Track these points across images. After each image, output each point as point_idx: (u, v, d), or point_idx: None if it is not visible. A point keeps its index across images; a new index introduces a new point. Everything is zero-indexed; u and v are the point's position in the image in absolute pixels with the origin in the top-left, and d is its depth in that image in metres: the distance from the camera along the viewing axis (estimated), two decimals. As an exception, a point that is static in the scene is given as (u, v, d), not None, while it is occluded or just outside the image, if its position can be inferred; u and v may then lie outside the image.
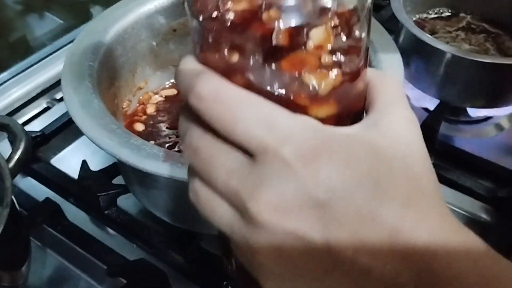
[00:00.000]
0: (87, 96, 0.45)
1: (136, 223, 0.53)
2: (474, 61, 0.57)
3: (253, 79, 0.22)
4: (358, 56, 0.24)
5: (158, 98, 0.59)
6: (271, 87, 0.22)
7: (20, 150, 0.47)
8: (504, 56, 0.64)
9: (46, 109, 0.69)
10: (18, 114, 0.67)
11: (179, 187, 0.44)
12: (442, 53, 0.58)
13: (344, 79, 0.23)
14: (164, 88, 0.60)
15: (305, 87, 0.22)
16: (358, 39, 0.23)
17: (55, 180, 0.57)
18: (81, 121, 0.43)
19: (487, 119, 0.66)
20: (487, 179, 0.57)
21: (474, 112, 0.65)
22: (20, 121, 0.66)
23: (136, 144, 0.41)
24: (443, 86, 0.62)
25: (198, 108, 0.22)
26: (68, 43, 0.72)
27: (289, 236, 0.21)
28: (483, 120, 0.66)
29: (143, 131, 0.55)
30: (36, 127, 0.65)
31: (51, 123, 0.64)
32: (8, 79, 0.69)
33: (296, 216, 0.21)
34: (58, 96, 0.70)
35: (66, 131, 0.63)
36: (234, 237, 0.23)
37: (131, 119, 0.56)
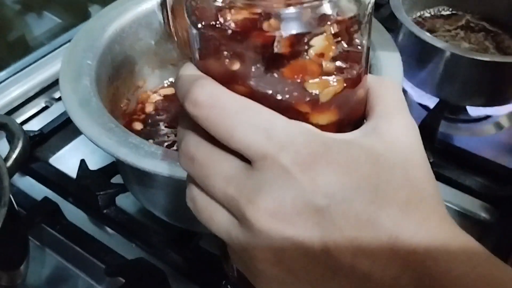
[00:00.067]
0: (85, 95, 0.45)
1: (135, 223, 0.53)
2: (473, 59, 0.57)
3: (253, 86, 0.22)
4: (359, 63, 0.24)
5: (156, 97, 0.59)
6: (272, 95, 0.22)
7: (18, 149, 0.47)
8: (503, 54, 0.63)
9: (45, 108, 0.69)
10: (17, 113, 0.67)
11: (178, 186, 0.44)
12: (441, 51, 0.58)
13: (345, 86, 0.23)
14: (162, 87, 0.60)
15: (306, 94, 0.22)
16: (359, 46, 0.23)
17: (53, 179, 0.57)
18: (79, 120, 0.43)
19: (486, 117, 0.66)
20: (487, 177, 0.57)
21: (473, 111, 0.65)
22: (19, 120, 0.66)
23: (135, 143, 0.41)
24: (442, 84, 0.62)
25: (194, 115, 0.22)
26: (67, 42, 0.72)
27: (287, 242, 0.21)
28: (482, 118, 0.66)
29: (141, 130, 0.54)
30: (34, 126, 0.64)
31: (49, 122, 0.64)
32: (7, 78, 0.69)
33: (294, 222, 0.21)
34: (57, 96, 0.69)
35: (64, 130, 0.63)
36: (232, 243, 0.23)
37: (130, 118, 0.56)
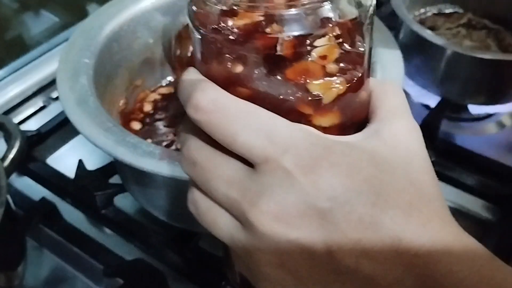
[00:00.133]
0: (83, 94, 0.45)
1: (133, 223, 0.53)
2: (474, 57, 0.57)
3: (256, 88, 0.23)
4: (361, 64, 0.24)
5: (155, 96, 0.58)
6: (275, 96, 0.23)
7: (15, 148, 0.47)
8: (505, 52, 0.63)
9: (42, 107, 0.68)
10: (14, 112, 0.67)
11: (177, 186, 0.44)
12: (443, 49, 0.58)
13: (348, 87, 0.23)
14: (161, 86, 0.59)
15: (309, 95, 0.23)
16: (361, 48, 0.24)
17: (51, 179, 0.57)
18: (76, 119, 0.43)
19: (488, 116, 0.66)
20: (488, 176, 0.57)
21: (475, 110, 0.65)
22: (16, 120, 0.66)
23: (133, 142, 0.41)
24: (443, 83, 0.61)
25: (196, 119, 0.23)
26: (64, 41, 0.71)
27: (291, 244, 0.21)
28: (484, 117, 0.66)
29: (140, 130, 0.54)
30: (32, 126, 0.64)
31: (47, 122, 0.63)
32: (4, 78, 0.68)
33: (297, 225, 0.21)
34: (54, 95, 0.69)
35: (62, 130, 0.63)
36: (235, 246, 0.23)
37: (128, 117, 0.55)
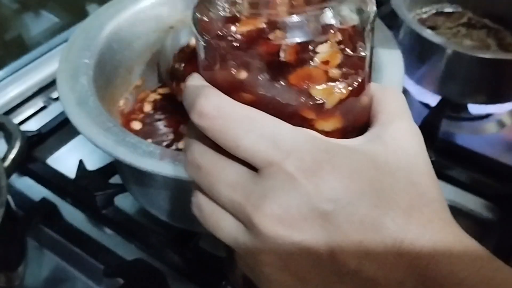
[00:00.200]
0: (83, 94, 0.45)
1: (133, 223, 0.53)
2: (475, 57, 0.57)
3: (260, 94, 0.23)
4: (363, 69, 0.24)
5: (155, 96, 0.58)
6: (278, 102, 0.23)
7: (16, 149, 0.47)
8: (505, 52, 0.63)
9: (43, 108, 0.68)
10: (14, 113, 0.67)
11: (177, 186, 0.44)
12: (443, 49, 0.58)
13: (350, 92, 0.24)
14: (161, 86, 0.59)
15: (312, 101, 0.23)
16: (362, 53, 0.24)
17: (51, 179, 0.57)
18: (76, 119, 0.42)
19: (488, 115, 0.66)
20: (489, 176, 0.57)
21: (475, 109, 0.65)
22: (17, 120, 0.66)
23: (133, 142, 0.40)
24: (443, 82, 0.61)
25: (200, 125, 0.23)
26: (64, 41, 0.71)
27: (294, 246, 0.22)
28: (484, 116, 0.66)
29: (140, 130, 0.54)
30: (32, 126, 0.64)
31: (47, 123, 0.63)
32: (4, 78, 0.68)
33: (300, 227, 0.22)
34: (55, 95, 0.69)
35: (62, 130, 0.63)
36: (239, 249, 0.24)
37: (128, 117, 0.55)
